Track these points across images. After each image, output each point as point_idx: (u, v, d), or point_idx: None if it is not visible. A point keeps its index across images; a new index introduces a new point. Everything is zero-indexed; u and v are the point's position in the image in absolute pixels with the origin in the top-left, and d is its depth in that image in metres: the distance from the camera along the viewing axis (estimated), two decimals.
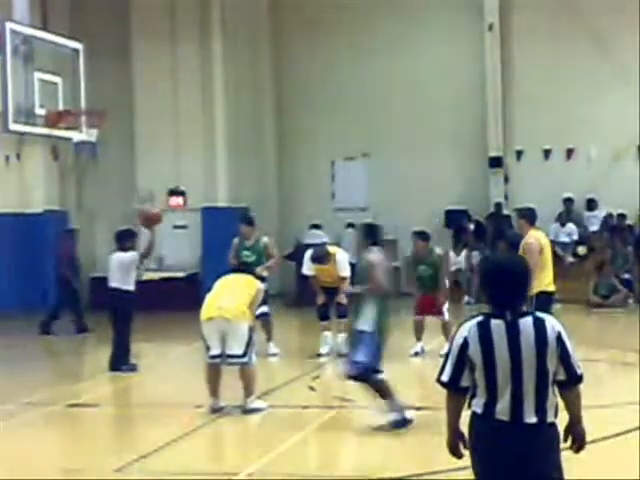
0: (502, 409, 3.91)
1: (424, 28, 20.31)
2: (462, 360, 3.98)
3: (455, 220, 19.24)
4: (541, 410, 3.91)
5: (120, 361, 10.95)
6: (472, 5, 19.90)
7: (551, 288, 9.47)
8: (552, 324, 3.98)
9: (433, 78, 20.15)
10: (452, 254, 18.34)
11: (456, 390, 4.04)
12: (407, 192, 20.00)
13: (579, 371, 4.01)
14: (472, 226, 19.13)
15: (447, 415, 4.11)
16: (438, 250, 12.02)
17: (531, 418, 3.90)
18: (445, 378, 4.04)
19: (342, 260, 11.98)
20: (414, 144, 20.07)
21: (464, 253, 18.73)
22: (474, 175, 19.98)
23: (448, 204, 19.86)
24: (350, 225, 20.13)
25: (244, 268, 10.01)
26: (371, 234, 8.45)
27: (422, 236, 11.86)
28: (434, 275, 11.70)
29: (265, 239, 12.56)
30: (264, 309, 11.79)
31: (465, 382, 4.00)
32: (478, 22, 19.84)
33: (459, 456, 4.12)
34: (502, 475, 3.93)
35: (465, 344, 3.97)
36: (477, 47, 19.88)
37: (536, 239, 9.59)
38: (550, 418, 3.94)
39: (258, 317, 11.90)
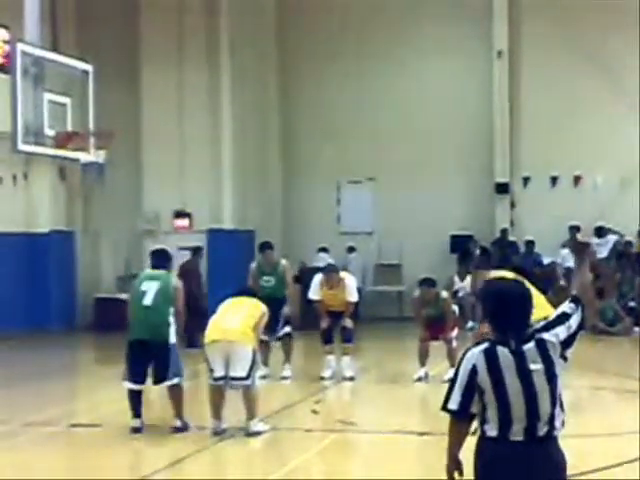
0: (517, 431, 3.95)
1: (433, 54, 20.42)
2: (471, 387, 3.99)
3: (460, 245, 19.23)
4: (551, 423, 3.98)
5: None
6: (481, 32, 19.99)
7: None
8: (550, 339, 4.03)
9: (441, 103, 20.23)
10: (456, 279, 18.33)
11: (464, 417, 4.04)
12: (413, 216, 20.03)
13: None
14: (478, 251, 19.10)
15: (449, 442, 4.12)
16: (444, 294, 12.12)
17: (543, 431, 3.96)
18: (453, 406, 4.04)
19: (351, 285, 12.12)
20: (420, 169, 20.11)
21: (468, 278, 18.72)
22: (480, 200, 20.00)
23: (454, 229, 19.87)
24: (352, 249, 20.16)
25: (248, 290, 9.98)
26: None
27: (429, 283, 11.90)
28: (441, 316, 11.81)
29: (283, 262, 12.62)
30: (287, 329, 11.87)
31: (473, 409, 4.01)
32: (487, 49, 19.95)
33: None
34: None
35: (474, 371, 3.99)
36: (485, 74, 19.98)
37: None
38: (558, 429, 4.01)
39: (280, 338, 11.92)
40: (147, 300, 8.74)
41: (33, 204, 18.82)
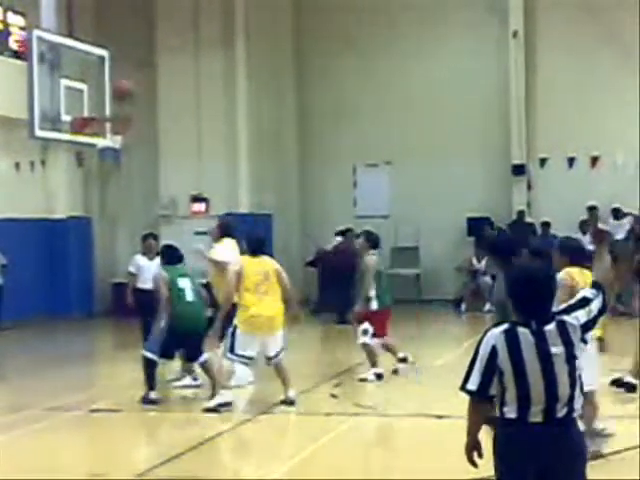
0: (536, 412, 3.96)
1: (449, 36, 20.30)
2: (491, 368, 4.00)
3: (477, 227, 19.17)
4: (571, 404, 4.00)
5: None
6: (496, 12, 19.85)
7: None
8: (571, 321, 4.05)
9: (456, 85, 20.12)
10: (474, 261, 18.29)
11: (483, 399, 4.05)
12: (429, 199, 19.97)
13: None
14: (495, 234, 19.03)
15: (469, 423, 4.13)
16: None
17: (562, 413, 3.98)
18: (472, 387, 4.04)
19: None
20: (436, 151, 20.04)
21: (485, 261, 18.70)
22: (497, 182, 19.92)
23: (470, 211, 19.79)
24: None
25: None
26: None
27: None
28: None
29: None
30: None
31: (493, 390, 4.02)
32: (502, 29, 19.80)
33: (476, 465, 4.15)
34: (534, 475, 3.97)
35: (494, 352, 4.00)
36: (501, 54, 19.83)
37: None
38: (577, 410, 4.03)
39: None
40: (189, 297, 9.80)
41: (50, 190, 18.87)
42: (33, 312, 16.99)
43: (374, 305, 10.86)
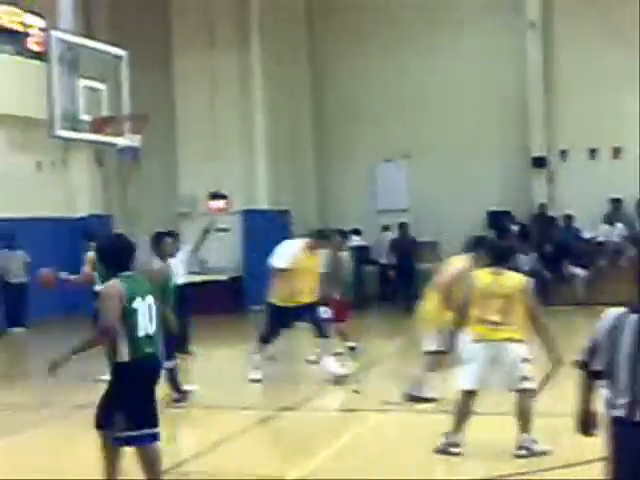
0: (620, 404, 3.98)
1: (465, 28, 20.21)
2: (601, 346, 4.09)
3: (497, 221, 19.09)
4: None
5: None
6: (513, 3, 19.75)
7: None
8: None
9: (474, 77, 20.03)
10: None
11: (591, 373, 4.13)
12: (448, 193, 19.91)
13: None
14: (516, 228, 18.93)
15: (579, 396, 4.21)
16: None
17: None
18: (583, 360, 4.17)
19: None
20: (455, 144, 19.97)
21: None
22: (517, 175, 19.81)
23: (490, 205, 19.71)
24: (386, 227, 20.09)
25: None
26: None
27: None
28: None
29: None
30: None
31: (597, 366, 4.10)
32: (519, 20, 19.68)
33: (589, 434, 4.20)
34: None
35: (606, 331, 4.08)
36: (519, 45, 19.71)
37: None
38: None
39: None
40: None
41: (71, 189, 18.99)
42: (55, 310, 17.09)
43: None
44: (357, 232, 19.37)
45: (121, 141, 15.27)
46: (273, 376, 11.12)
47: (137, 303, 5.58)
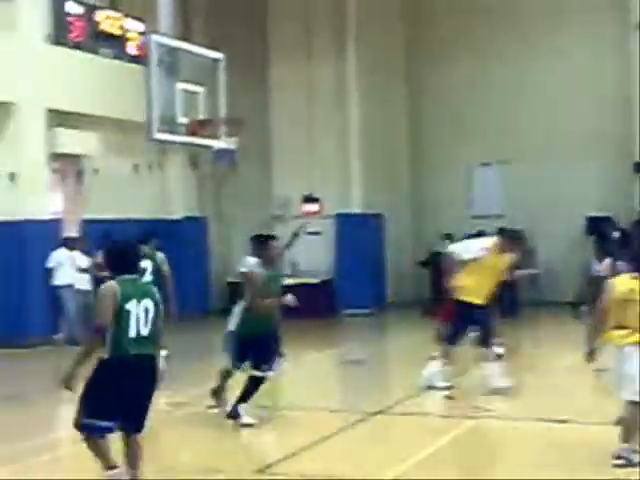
0: None
1: (565, 30, 19.82)
2: None
3: (597, 227, 18.60)
4: None
5: None
6: (616, 5, 19.25)
7: None
8: None
9: (573, 80, 19.63)
10: (594, 261, 17.71)
11: None
12: (546, 198, 19.52)
13: None
14: (617, 234, 18.39)
15: None
16: None
17: None
18: None
19: None
20: (553, 148, 19.58)
21: (607, 261, 18.08)
22: (618, 180, 19.28)
23: (589, 210, 19.23)
24: (481, 233, 19.75)
25: None
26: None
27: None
28: None
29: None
30: None
31: None
32: (623, 22, 19.16)
33: None
34: None
35: None
36: (621, 48, 19.20)
37: None
38: None
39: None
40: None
41: (167, 191, 19.31)
42: None
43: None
44: (449, 237, 19.12)
45: (217, 144, 15.49)
46: (364, 379, 11.06)
47: (130, 305, 5.83)
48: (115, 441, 6.16)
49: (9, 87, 14.59)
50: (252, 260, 12.71)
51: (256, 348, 8.60)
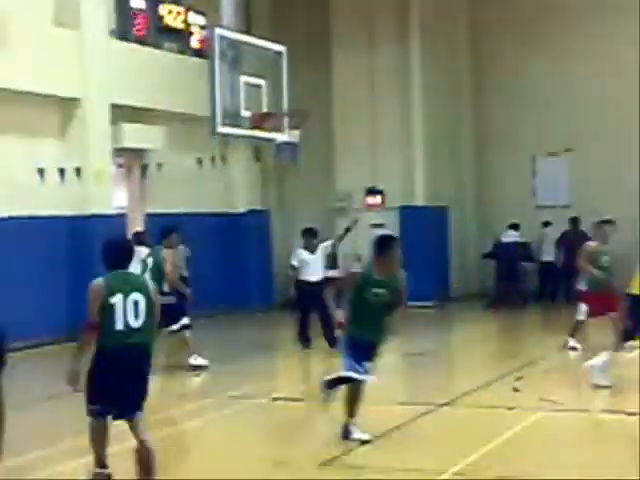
0: None
1: (631, 14, 19.27)
2: None
3: None
4: None
5: None
6: None
7: None
8: None
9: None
10: None
11: None
12: (613, 188, 19.07)
13: None
14: None
15: None
16: None
17: None
18: None
19: None
20: (620, 137, 19.11)
21: None
22: None
23: None
24: (547, 223, 19.46)
25: None
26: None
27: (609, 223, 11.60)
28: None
29: None
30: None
31: None
32: None
33: None
34: None
35: None
36: None
37: None
38: None
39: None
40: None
41: (231, 185, 19.38)
42: (215, 304, 17.48)
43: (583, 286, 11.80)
44: (515, 227, 18.88)
45: (280, 137, 15.49)
46: (429, 371, 10.96)
47: (115, 299, 5.99)
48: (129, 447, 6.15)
49: (74, 83, 14.77)
50: (304, 253, 12.91)
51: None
